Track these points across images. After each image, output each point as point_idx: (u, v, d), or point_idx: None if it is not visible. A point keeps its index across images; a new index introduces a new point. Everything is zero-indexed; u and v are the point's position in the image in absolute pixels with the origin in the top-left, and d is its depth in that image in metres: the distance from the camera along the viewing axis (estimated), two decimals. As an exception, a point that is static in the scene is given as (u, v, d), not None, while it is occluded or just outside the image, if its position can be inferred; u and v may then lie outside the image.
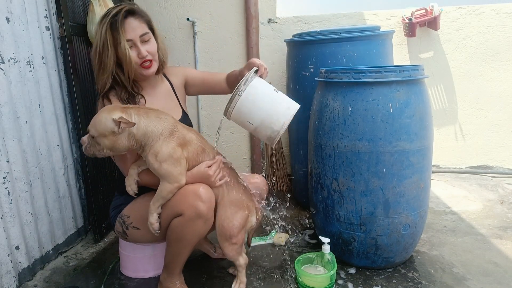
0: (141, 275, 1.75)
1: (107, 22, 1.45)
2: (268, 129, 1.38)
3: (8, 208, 1.64)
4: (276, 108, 1.38)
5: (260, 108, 1.37)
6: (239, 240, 1.51)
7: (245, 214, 1.50)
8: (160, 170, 1.37)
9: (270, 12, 2.80)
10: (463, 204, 2.40)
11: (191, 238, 1.43)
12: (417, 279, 1.65)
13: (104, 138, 1.32)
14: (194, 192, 1.39)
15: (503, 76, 2.77)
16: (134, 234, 1.58)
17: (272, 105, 1.38)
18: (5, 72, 1.65)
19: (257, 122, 1.38)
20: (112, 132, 1.32)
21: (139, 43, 1.49)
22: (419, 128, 1.57)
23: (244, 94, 1.36)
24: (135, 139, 1.36)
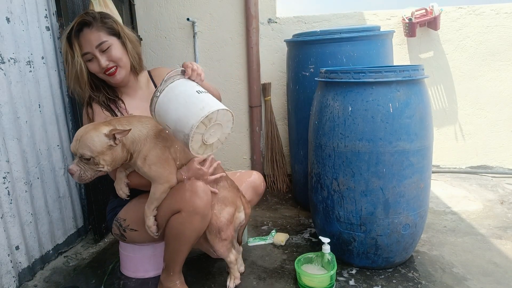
0: (141, 275, 1.75)
1: (65, 37, 1.46)
2: (181, 134, 1.23)
3: (8, 208, 1.64)
4: (190, 109, 1.23)
5: (174, 109, 1.24)
6: (228, 236, 1.53)
7: (231, 210, 1.53)
8: (150, 172, 1.39)
9: (270, 12, 2.80)
10: (463, 204, 2.40)
11: (190, 235, 1.43)
12: (417, 279, 1.65)
13: (102, 156, 1.30)
14: (190, 189, 1.40)
15: (503, 76, 2.77)
16: (132, 236, 1.59)
17: (185, 106, 1.23)
18: (5, 72, 1.65)
19: (172, 125, 1.25)
20: (109, 146, 1.30)
21: (98, 53, 1.47)
22: (419, 128, 1.57)
23: (161, 96, 1.26)
24: (126, 148, 1.36)
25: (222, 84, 2.92)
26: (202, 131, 1.23)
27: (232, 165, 3.08)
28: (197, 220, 1.41)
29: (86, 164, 1.31)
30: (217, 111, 1.24)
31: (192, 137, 1.20)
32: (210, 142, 1.29)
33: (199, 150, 1.27)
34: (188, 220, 1.40)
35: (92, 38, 1.45)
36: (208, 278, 1.73)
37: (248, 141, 3.03)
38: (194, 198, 1.39)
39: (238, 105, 2.96)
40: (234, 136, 3.03)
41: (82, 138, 1.29)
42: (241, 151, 3.06)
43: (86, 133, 1.30)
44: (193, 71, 1.36)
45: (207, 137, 1.27)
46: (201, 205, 1.39)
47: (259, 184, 1.77)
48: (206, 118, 1.20)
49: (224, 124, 1.31)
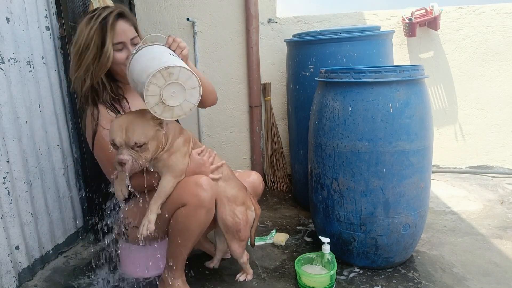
0: (141, 275, 1.75)
1: (97, 24, 1.42)
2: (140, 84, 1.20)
3: (8, 208, 1.64)
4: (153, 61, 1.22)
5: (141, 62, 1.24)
6: (246, 236, 1.54)
7: (243, 209, 1.54)
8: (168, 161, 1.39)
9: (270, 12, 2.80)
10: (463, 204, 2.40)
11: (195, 228, 1.44)
12: (417, 279, 1.65)
13: (153, 141, 1.30)
14: (195, 182, 1.41)
15: (503, 76, 2.77)
16: (135, 234, 1.58)
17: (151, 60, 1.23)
18: (5, 72, 1.65)
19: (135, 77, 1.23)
20: (157, 131, 1.31)
21: (129, 46, 1.50)
22: (419, 128, 1.57)
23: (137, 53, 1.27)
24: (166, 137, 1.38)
25: (222, 84, 2.92)
26: (160, 84, 1.18)
27: (232, 165, 3.05)
28: (203, 213, 1.42)
29: (137, 152, 1.28)
30: (180, 68, 1.20)
31: (147, 86, 1.15)
32: (171, 104, 1.23)
33: (156, 107, 1.21)
34: (194, 213, 1.41)
35: (128, 29, 1.49)
36: (208, 278, 1.73)
37: (248, 141, 3.03)
38: (200, 191, 1.40)
39: (238, 105, 2.96)
40: (234, 136, 3.03)
41: (131, 126, 1.26)
42: (241, 151, 3.06)
43: (135, 120, 1.27)
44: (174, 41, 1.40)
45: (166, 95, 1.20)
46: (207, 198, 1.41)
47: (258, 184, 1.78)
48: (165, 70, 1.17)
49: (187, 89, 1.24)
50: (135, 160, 1.28)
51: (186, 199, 1.40)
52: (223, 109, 2.97)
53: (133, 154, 1.27)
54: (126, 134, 1.26)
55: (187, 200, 1.40)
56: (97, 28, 1.42)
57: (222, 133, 3.04)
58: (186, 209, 1.41)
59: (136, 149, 1.27)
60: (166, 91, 1.20)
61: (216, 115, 3.00)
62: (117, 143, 1.27)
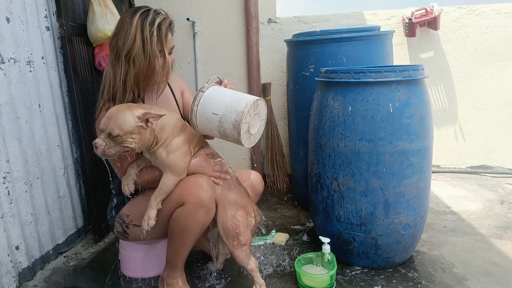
0: (141, 275, 1.75)
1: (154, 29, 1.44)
2: (233, 113, 1.31)
3: (8, 208, 1.64)
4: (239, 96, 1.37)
5: (223, 96, 1.36)
6: (247, 240, 1.50)
7: (244, 213, 1.52)
8: (167, 160, 1.40)
9: (270, 12, 2.81)
10: (463, 204, 2.40)
11: (194, 227, 1.44)
12: (417, 279, 1.65)
13: (130, 135, 1.32)
14: (195, 182, 1.41)
15: (503, 76, 2.77)
16: (135, 232, 1.58)
17: (233, 93, 1.38)
18: (5, 72, 1.65)
19: (221, 110, 1.33)
20: (139, 127, 1.32)
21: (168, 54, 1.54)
22: (419, 128, 1.57)
23: (208, 91, 1.37)
24: (154, 134, 1.38)
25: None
26: (248, 120, 1.33)
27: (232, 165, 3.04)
28: (202, 213, 1.41)
29: (112, 141, 1.31)
30: (260, 99, 1.37)
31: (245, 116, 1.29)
32: (251, 132, 1.37)
33: (244, 135, 1.33)
34: (193, 212, 1.41)
35: (171, 39, 1.54)
36: (208, 277, 1.73)
37: (248, 141, 3.02)
38: (199, 190, 1.40)
39: (238, 105, 2.95)
40: (234, 136, 3.03)
41: (114, 116, 1.31)
42: (241, 151, 3.05)
43: (119, 112, 1.32)
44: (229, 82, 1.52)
45: (251, 126, 1.35)
46: (206, 197, 1.40)
47: (257, 183, 1.77)
48: (256, 101, 1.34)
49: (262, 120, 1.42)
50: (107, 148, 1.31)
51: (185, 198, 1.40)
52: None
53: (108, 141, 1.31)
54: (108, 122, 1.31)
55: (186, 199, 1.40)
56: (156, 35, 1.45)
57: (222, 133, 3.03)
58: (185, 208, 1.41)
59: (111, 138, 1.31)
60: (252, 120, 1.36)
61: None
62: (100, 127, 1.33)
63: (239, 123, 1.29)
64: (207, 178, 1.45)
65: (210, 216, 1.46)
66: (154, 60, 1.46)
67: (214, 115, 1.34)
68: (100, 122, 1.48)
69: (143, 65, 1.46)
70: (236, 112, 1.30)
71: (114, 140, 1.31)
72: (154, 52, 1.45)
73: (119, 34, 1.46)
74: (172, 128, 1.41)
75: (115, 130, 1.30)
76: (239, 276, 1.72)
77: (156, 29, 1.44)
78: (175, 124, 1.43)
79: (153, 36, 1.44)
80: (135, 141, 1.33)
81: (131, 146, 1.33)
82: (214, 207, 1.46)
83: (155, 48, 1.45)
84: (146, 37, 1.43)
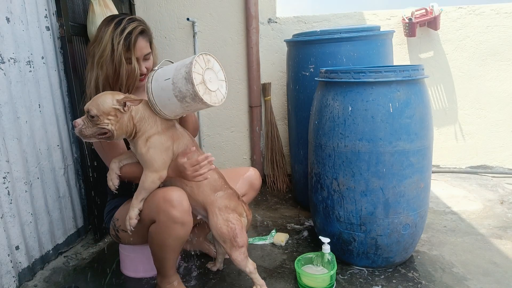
0: (141, 275, 1.76)
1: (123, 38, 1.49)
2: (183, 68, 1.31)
3: (8, 208, 1.64)
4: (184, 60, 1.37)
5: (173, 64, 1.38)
6: (244, 241, 1.48)
7: (236, 216, 1.49)
8: (146, 155, 1.38)
9: (270, 12, 2.81)
10: (463, 204, 2.40)
11: (173, 242, 1.41)
12: (417, 279, 1.65)
13: (107, 116, 1.33)
14: (163, 198, 1.37)
15: (503, 76, 2.77)
16: (125, 237, 1.58)
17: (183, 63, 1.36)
18: (5, 72, 1.65)
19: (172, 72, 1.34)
20: (116, 110, 1.34)
21: (141, 61, 1.58)
22: (419, 128, 1.57)
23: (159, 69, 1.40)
24: (133, 122, 1.38)
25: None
26: (202, 66, 1.32)
27: (232, 165, 3.08)
28: (177, 228, 1.38)
29: (90, 121, 1.34)
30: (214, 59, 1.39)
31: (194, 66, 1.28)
32: (210, 87, 1.35)
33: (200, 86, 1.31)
34: (167, 229, 1.38)
35: (143, 46, 1.57)
36: (208, 277, 1.73)
37: (248, 141, 3.03)
38: (168, 207, 1.35)
39: (238, 105, 2.96)
40: (234, 136, 3.03)
41: (95, 98, 1.36)
42: (241, 151, 3.06)
43: (102, 95, 1.37)
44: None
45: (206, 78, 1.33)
46: (177, 213, 1.36)
47: (255, 179, 1.76)
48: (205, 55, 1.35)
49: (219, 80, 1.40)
50: (84, 127, 1.35)
51: (155, 215, 1.38)
52: (223, 109, 2.97)
53: (86, 122, 1.35)
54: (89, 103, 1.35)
55: (156, 217, 1.38)
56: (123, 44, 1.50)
57: (222, 133, 3.04)
58: (158, 226, 1.38)
59: (89, 118, 1.34)
60: (206, 74, 1.34)
61: (216, 115, 3.00)
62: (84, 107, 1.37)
63: (189, 73, 1.27)
64: (178, 191, 1.39)
65: (187, 229, 1.42)
66: (119, 68, 1.51)
67: (167, 80, 1.34)
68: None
69: (110, 71, 1.52)
70: (185, 65, 1.30)
71: (92, 121, 1.34)
72: (120, 60, 1.51)
73: (96, 41, 1.55)
74: (153, 121, 1.39)
75: (93, 109, 1.33)
76: (238, 276, 1.72)
77: (124, 38, 1.50)
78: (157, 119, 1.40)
79: (120, 44, 1.50)
80: (112, 122, 1.34)
81: (108, 127, 1.34)
82: (190, 220, 1.41)
83: (122, 56, 1.51)
84: (114, 46, 1.50)
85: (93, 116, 1.33)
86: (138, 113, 1.38)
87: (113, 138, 1.37)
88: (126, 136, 1.40)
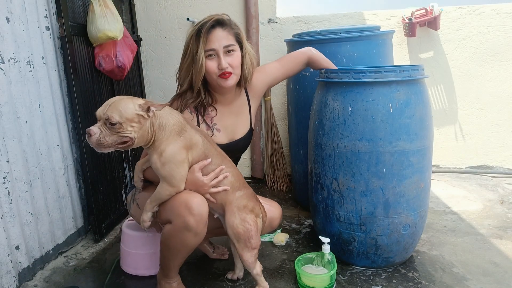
0: (142, 273, 1.75)
1: (195, 29, 1.48)
2: None
3: (8, 208, 1.64)
4: None
5: None
6: (258, 244, 1.48)
7: (253, 217, 1.47)
8: (163, 171, 1.35)
9: (270, 12, 2.80)
10: (463, 204, 2.40)
11: (180, 248, 1.40)
12: (417, 279, 1.65)
13: (130, 123, 1.25)
14: (185, 204, 1.34)
15: (503, 76, 2.77)
16: (135, 210, 1.61)
17: None
18: (5, 72, 1.65)
19: None
20: (140, 116, 1.27)
21: (221, 53, 1.50)
22: (419, 128, 1.57)
23: None
24: (153, 129, 1.32)
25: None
26: None
27: (232, 165, 3.07)
28: (190, 236, 1.37)
29: (109, 129, 1.24)
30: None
31: None
32: None
33: None
34: (179, 234, 1.37)
35: (223, 37, 1.50)
36: (208, 278, 1.73)
37: (248, 141, 3.02)
38: (186, 214, 1.33)
39: (238, 105, 2.95)
40: (234, 136, 3.03)
41: (114, 103, 1.25)
42: (241, 151, 3.05)
43: (121, 99, 1.28)
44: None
45: None
46: (194, 223, 1.34)
47: (276, 218, 1.70)
48: None
49: None
50: (103, 137, 1.24)
51: (173, 218, 1.36)
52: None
53: (104, 129, 1.24)
54: (106, 109, 1.25)
55: (173, 220, 1.37)
56: (195, 34, 1.47)
57: (222, 133, 3.03)
58: (172, 228, 1.37)
59: (108, 126, 1.24)
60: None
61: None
62: (96, 114, 1.27)
63: None
64: (200, 198, 1.37)
65: (199, 239, 1.40)
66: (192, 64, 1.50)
67: None
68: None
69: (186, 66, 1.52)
70: None
71: (112, 128, 1.24)
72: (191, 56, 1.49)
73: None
74: (170, 129, 1.35)
75: (115, 116, 1.23)
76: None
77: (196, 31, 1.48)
78: (173, 126, 1.36)
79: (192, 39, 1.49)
80: (135, 130, 1.26)
81: (131, 135, 1.26)
82: (203, 230, 1.39)
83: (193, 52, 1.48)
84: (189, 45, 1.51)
85: (114, 123, 1.22)
86: (157, 120, 1.32)
87: (132, 146, 1.31)
88: (143, 144, 1.34)
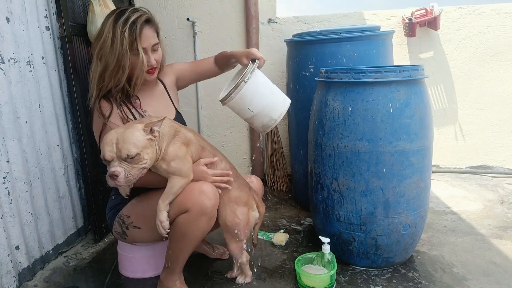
0: (139, 276, 1.75)
1: (127, 27, 1.44)
2: (266, 117, 1.45)
3: (8, 208, 1.64)
4: (276, 98, 1.47)
5: (262, 96, 1.44)
6: (246, 236, 1.54)
7: (245, 210, 1.53)
8: (170, 168, 1.39)
9: (270, 12, 2.80)
10: (463, 204, 2.40)
11: (196, 234, 1.45)
12: (417, 279, 1.65)
13: (146, 150, 1.28)
14: (199, 189, 1.41)
15: (503, 76, 2.77)
16: (135, 233, 1.58)
17: (271, 95, 1.46)
18: (5, 72, 1.65)
19: (257, 109, 1.44)
20: (149, 140, 1.30)
21: (150, 52, 1.53)
22: (419, 128, 1.57)
23: (249, 82, 1.41)
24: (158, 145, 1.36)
25: (222, 84, 2.90)
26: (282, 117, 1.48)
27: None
28: (204, 221, 1.42)
29: (129, 163, 1.26)
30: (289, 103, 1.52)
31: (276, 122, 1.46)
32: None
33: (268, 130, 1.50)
34: (195, 220, 1.41)
35: (151, 36, 1.52)
36: (207, 278, 1.73)
37: (248, 141, 3.03)
38: (203, 198, 1.40)
39: (238, 105, 2.95)
40: (234, 136, 3.03)
41: (123, 139, 1.25)
42: (241, 151, 3.06)
43: (123, 133, 1.26)
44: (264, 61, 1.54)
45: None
46: (210, 206, 1.41)
47: (258, 189, 1.75)
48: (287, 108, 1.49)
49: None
50: (129, 172, 1.26)
51: (189, 205, 1.40)
52: (223, 109, 2.97)
53: (126, 166, 1.26)
54: (117, 147, 1.25)
55: (190, 207, 1.40)
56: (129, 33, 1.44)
57: (222, 133, 3.04)
58: (188, 216, 1.41)
59: (128, 161, 1.26)
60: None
61: (216, 115, 3.00)
62: (107, 158, 1.26)
63: (268, 127, 1.47)
64: (211, 185, 1.44)
65: (211, 224, 1.46)
66: (122, 58, 1.45)
67: (250, 111, 1.44)
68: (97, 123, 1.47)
69: (110, 62, 1.46)
70: (270, 118, 1.45)
71: (133, 161, 1.26)
72: (123, 50, 1.44)
73: (98, 35, 1.51)
74: (167, 136, 1.40)
75: (132, 149, 1.24)
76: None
77: (129, 27, 1.44)
78: (168, 132, 1.41)
79: (124, 34, 1.43)
80: (150, 156, 1.30)
81: (147, 164, 1.30)
82: (215, 214, 1.47)
83: (125, 46, 1.44)
84: (116, 36, 1.44)
85: (133, 156, 1.24)
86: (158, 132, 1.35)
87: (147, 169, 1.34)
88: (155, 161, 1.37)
